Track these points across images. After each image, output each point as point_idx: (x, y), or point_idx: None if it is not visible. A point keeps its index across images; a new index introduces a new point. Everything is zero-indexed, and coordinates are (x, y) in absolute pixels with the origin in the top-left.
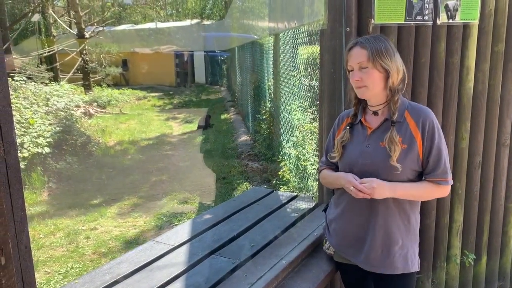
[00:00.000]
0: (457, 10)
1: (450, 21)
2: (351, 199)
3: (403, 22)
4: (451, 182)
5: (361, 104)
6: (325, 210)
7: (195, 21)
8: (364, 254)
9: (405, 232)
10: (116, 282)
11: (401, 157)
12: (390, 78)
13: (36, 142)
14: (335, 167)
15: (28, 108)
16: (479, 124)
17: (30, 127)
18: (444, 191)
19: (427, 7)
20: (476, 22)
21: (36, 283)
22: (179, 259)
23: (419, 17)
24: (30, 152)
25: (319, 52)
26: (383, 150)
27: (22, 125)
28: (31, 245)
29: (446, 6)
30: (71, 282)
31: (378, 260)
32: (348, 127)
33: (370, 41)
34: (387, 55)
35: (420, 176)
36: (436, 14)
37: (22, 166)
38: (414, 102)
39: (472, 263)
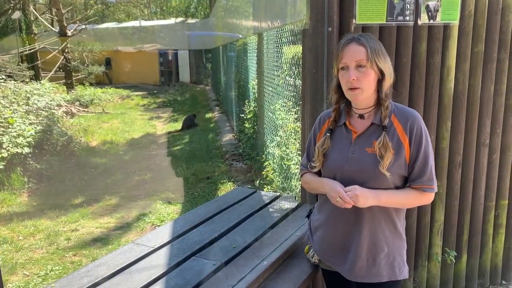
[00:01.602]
0: (437, 10)
1: (431, 21)
2: (335, 206)
3: (385, 22)
4: (436, 189)
5: (344, 106)
6: (308, 216)
7: (179, 19)
8: (348, 263)
9: (392, 239)
10: (94, 285)
11: (389, 164)
12: (384, 80)
13: (16, 142)
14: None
15: (7, 107)
16: (460, 124)
17: (10, 126)
18: (428, 198)
19: (408, 7)
20: (456, 23)
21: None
22: (159, 261)
23: (400, 18)
24: (9, 152)
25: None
26: (370, 156)
27: (1, 124)
28: (10, 247)
29: (427, 7)
30: (48, 286)
31: (363, 270)
32: (328, 134)
33: (367, 39)
34: (382, 55)
35: (406, 182)
36: (417, 14)
37: (0, 167)
38: (399, 104)
39: (454, 260)
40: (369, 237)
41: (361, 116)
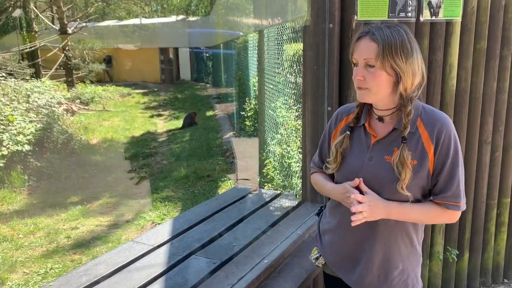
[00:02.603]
0: (440, 7)
1: (433, 18)
2: (347, 213)
3: (386, 19)
4: (463, 207)
5: (366, 104)
6: (318, 214)
7: (180, 17)
8: (357, 275)
9: (407, 255)
10: (93, 284)
11: (409, 182)
12: (401, 83)
13: (16, 139)
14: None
15: (7, 105)
16: (462, 122)
17: (10, 124)
18: (452, 216)
19: (410, 3)
20: (459, 19)
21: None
22: (158, 260)
23: (402, 14)
24: (9, 150)
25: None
26: (388, 165)
27: (1, 122)
28: (10, 245)
29: (429, 3)
30: (46, 285)
31: (374, 285)
32: (348, 132)
33: (385, 33)
34: (402, 53)
35: (428, 195)
36: (419, 11)
37: (0, 165)
38: (428, 106)
39: (456, 259)
40: (382, 253)
41: (380, 119)
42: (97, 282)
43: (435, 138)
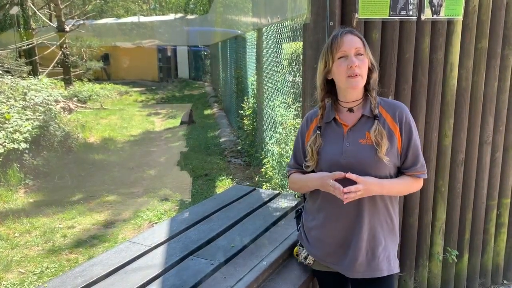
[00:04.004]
0: (441, 5)
1: (435, 16)
2: (335, 202)
3: (387, 17)
4: (426, 174)
5: (331, 103)
6: (297, 217)
7: (178, 15)
8: (348, 260)
9: (388, 232)
10: (89, 285)
11: (387, 150)
12: (374, 72)
13: (12, 137)
14: (305, 171)
15: (4, 102)
16: (463, 122)
17: (6, 122)
18: (420, 184)
19: (412, 2)
20: (460, 18)
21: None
22: (155, 261)
23: (403, 12)
24: (5, 148)
25: (302, 47)
26: (365, 147)
27: None
28: (6, 244)
29: (431, 2)
30: (41, 286)
31: (363, 265)
32: (318, 132)
33: (357, 31)
34: (369, 47)
35: (397, 171)
36: (420, 9)
37: None
38: (384, 97)
39: (455, 260)
40: (368, 231)
41: (350, 110)
42: (92, 283)
43: (398, 120)
